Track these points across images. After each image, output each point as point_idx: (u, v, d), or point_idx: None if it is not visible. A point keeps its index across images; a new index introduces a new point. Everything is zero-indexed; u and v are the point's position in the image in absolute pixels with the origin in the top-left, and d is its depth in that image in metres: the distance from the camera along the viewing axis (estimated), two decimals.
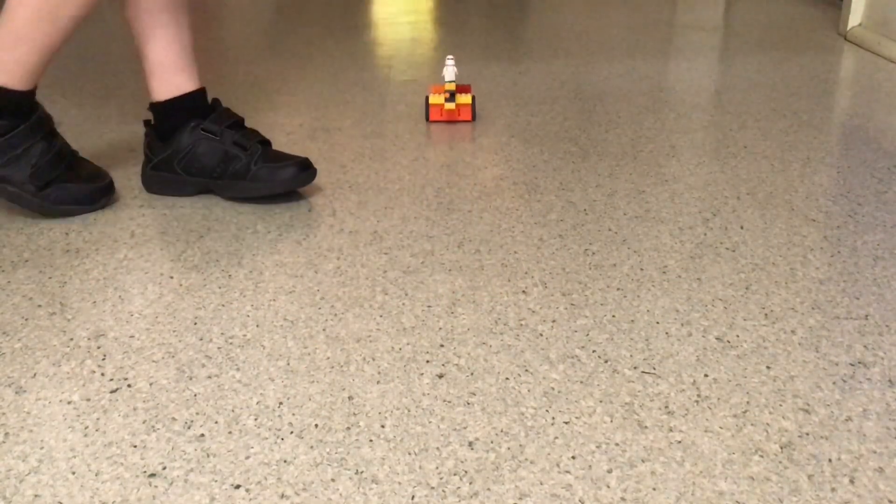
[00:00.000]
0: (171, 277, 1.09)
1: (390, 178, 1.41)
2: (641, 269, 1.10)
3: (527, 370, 0.89)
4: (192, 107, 1.32)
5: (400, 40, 2.33)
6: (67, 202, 1.26)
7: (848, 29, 2.21)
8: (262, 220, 1.26)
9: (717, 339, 0.94)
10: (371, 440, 0.78)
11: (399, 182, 1.39)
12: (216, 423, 0.81)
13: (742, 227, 1.21)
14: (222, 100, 1.81)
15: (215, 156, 1.29)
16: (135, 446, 0.78)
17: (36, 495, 0.72)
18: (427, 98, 1.68)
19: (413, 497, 0.71)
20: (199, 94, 1.33)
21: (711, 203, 1.29)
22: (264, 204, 1.31)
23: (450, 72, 1.68)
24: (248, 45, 2.27)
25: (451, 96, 1.67)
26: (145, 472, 0.75)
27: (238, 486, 0.73)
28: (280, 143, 1.56)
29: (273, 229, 1.23)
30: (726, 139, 1.55)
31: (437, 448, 0.77)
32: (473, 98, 1.67)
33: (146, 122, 1.36)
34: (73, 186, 1.26)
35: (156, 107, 1.33)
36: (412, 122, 1.67)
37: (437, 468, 0.75)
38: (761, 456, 0.76)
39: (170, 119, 1.31)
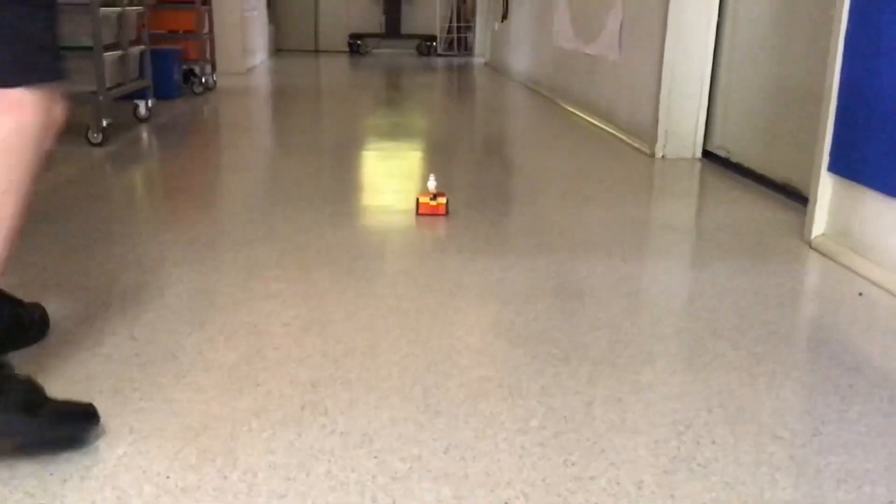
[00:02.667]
0: (168, 477, 1.14)
1: (381, 375, 1.48)
2: (618, 483, 1.16)
3: None
4: None
5: (391, 230, 2.46)
6: (72, 418, 1.21)
7: (812, 237, 2.37)
8: (257, 418, 1.31)
9: None
10: None
11: (389, 380, 1.46)
12: None
13: (713, 443, 1.28)
14: (223, 285, 1.90)
15: None
16: None
17: None
18: (417, 199, 2.59)
19: None
20: None
21: (685, 415, 1.36)
22: (260, 400, 1.37)
23: (432, 183, 2.59)
24: (248, 229, 2.39)
25: (434, 197, 2.57)
26: None
27: None
28: (276, 335, 1.64)
29: (268, 427, 1.28)
30: (699, 347, 1.64)
31: None
32: (447, 199, 2.59)
33: None
34: (68, 404, 1.21)
35: None
36: (403, 315, 1.76)
37: None
38: None
39: None
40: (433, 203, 2.57)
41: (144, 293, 1.85)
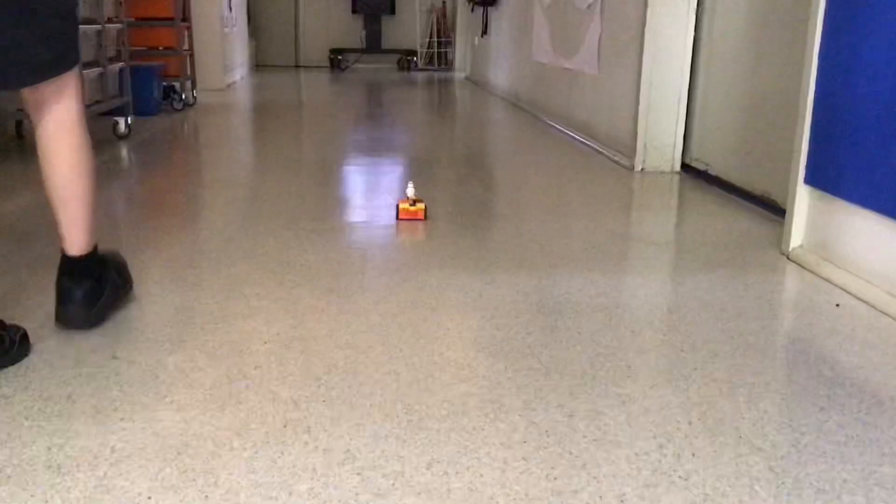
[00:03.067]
0: (149, 498, 1.13)
1: (363, 392, 1.48)
2: (600, 497, 1.17)
3: None
4: None
5: (372, 245, 2.46)
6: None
7: (790, 249, 2.39)
8: (239, 436, 1.31)
9: None
10: None
11: (371, 397, 1.46)
12: None
13: (693, 455, 1.29)
14: (204, 302, 1.90)
15: None
16: None
17: None
18: (398, 205, 2.73)
19: None
20: None
21: (665, 428, 1.37)
22: (241, 418, 1.37)
23: (411, 190, 2.75)
24: (229, 247, 2.39)
25: (413, 203, 2.73)
26: None
27: None
28: (258, 353, 1.64)
29: (249, 446, 1.28)
30: (678, 360, 1.65)
31: None
32: (426, 205, 2.74)
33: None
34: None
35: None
36: (385, 331, 1.76)
37: None
38: None
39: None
40: (412, 208, 2.72)
41: (125, 312, 1.84)
